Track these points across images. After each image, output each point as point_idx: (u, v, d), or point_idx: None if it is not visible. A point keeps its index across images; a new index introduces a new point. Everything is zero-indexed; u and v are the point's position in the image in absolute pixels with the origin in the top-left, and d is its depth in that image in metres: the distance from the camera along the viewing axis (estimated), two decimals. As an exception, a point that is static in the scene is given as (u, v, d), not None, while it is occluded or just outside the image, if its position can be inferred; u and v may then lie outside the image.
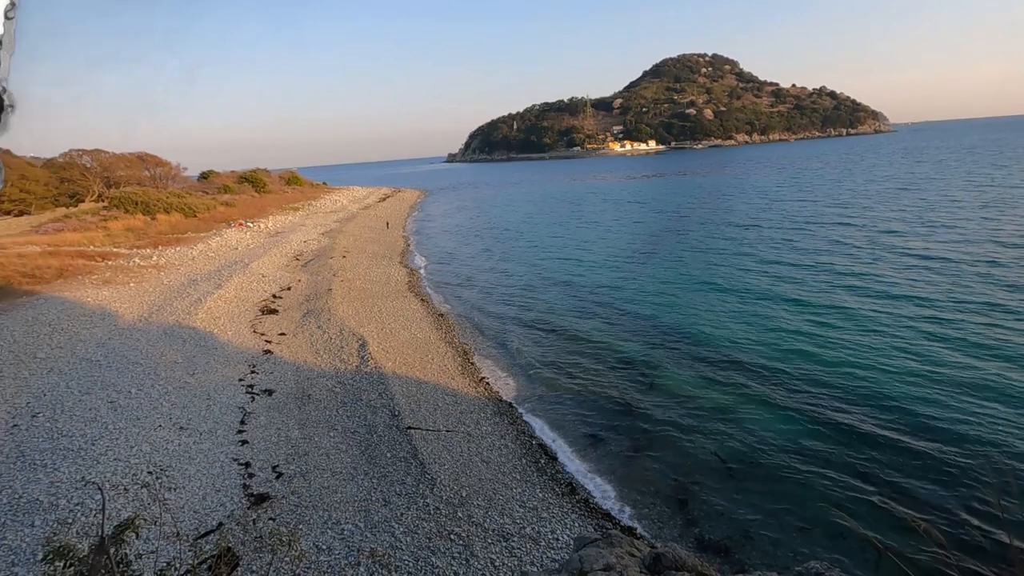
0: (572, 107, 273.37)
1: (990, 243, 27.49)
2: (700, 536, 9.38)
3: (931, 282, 21.83)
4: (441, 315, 22.65)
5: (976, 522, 8.96)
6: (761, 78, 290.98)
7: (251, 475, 10.73)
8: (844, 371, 14.97)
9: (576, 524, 9.49)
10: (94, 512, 8.91)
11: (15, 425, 11.93)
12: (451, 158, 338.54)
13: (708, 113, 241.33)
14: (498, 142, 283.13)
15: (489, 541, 8.96)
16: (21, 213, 48.00)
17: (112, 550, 3.79)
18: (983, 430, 11.63)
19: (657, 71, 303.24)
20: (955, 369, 14.41)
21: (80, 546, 3.75)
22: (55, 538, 3.65)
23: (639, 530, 9.53)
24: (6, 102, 1.62)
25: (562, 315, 22.12)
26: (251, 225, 47.03)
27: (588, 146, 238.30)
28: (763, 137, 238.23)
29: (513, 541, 8.98)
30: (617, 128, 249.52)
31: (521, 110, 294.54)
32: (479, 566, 8.39)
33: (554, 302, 24.11)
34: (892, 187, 54.71)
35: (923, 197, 45.66)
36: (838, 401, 13.47)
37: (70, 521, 8.66)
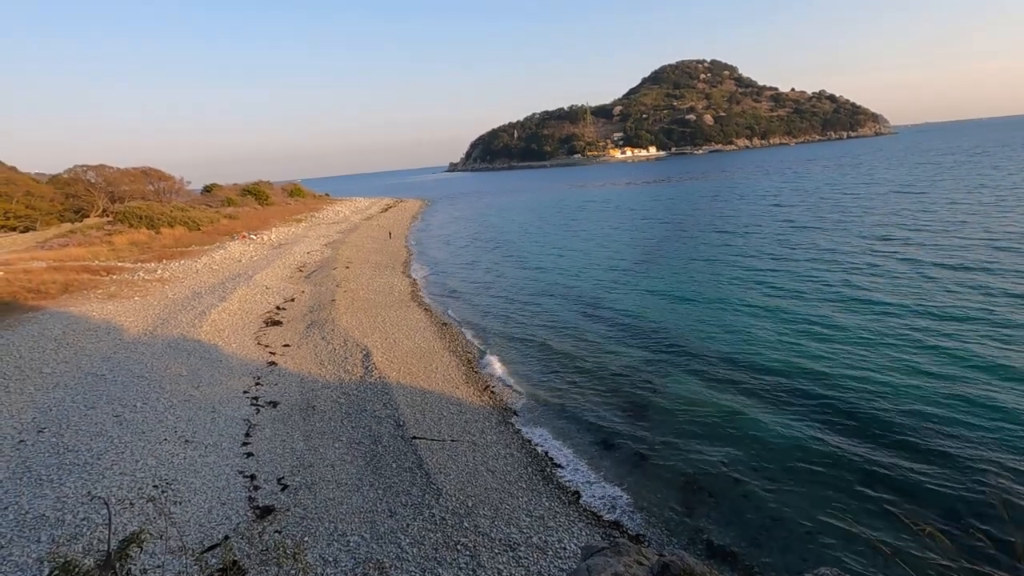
0: (572, 115, 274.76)
1: (990, 248, 27.40)
2: (708, 543, 9.30)
3: (932, 288, 21.72)
4: (444, 324, 22.65)
5: (981, 526, 8.85)
6: (760, 83, 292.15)
7: (256, 487, 10.71)
8: (848, 376, 14.88)
9: (583, 533, 9.42)
10: (100, 527, 8.90)
11: (21, 440, 11.95)
12: (453, 167, 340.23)
13: (708, 118, 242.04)
14: (499, 151, 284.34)
15: (496, 551, 8.90)
16: (27, 229, 48.36)
17: (118, 565, 3.78)
18: (987, 434, 11.53)
19: (656, 78, 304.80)
20: (959, 373, 14.31)
21: (86, 561, 3.75)
22: (59, 553, 3.65)
23: (647, 538, 9.46)
24: None
25: (565, 323, 22.09)
26: (254, 237, 47.24)
27: (589, 153, 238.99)
28: (763, 141, 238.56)
29: (520, 551, 8.92)
30: (617, 135, 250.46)
31: (521, 119, 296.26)
32: (486, 576, 8.33)
33: (557, 311, 24.09)
34: (890, 190, 54.63)
35: (921, 200, 45.53)
36: (842, 406, 13.38)
37: (76, 536, 8.65)
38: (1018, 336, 16.05)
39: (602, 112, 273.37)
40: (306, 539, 9.08)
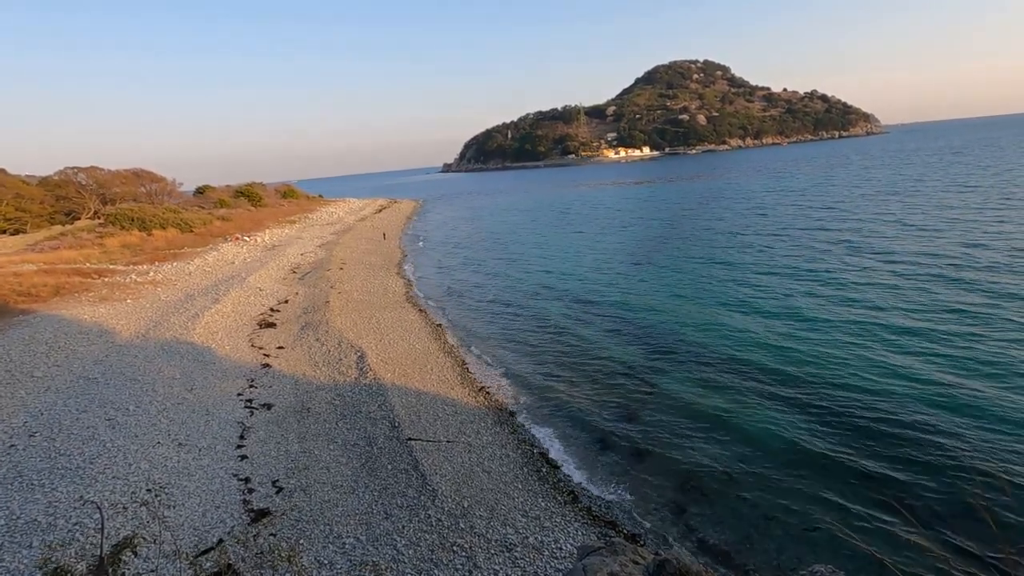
0: (566, 115, 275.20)
1: (979, 248, 27.65)
2: (703, 542, 9.33)
3: (927, 287, 21.89)
4: (439, 325, 22.62)
5: (971, 527, 8.93)
6: (752, 83, 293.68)
7: (251, 490, 10.65)
8: (842, 376, 14.98)
9: (579, 533, 9.43)
10: (93, 531, 8.83)
11: (12, 445, 11.84)
12: (447, 168, 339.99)
13: (701, 118, 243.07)
14: (493, 151, 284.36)
15: (492, 552, 8.90)
16: (17, 232, 47.95)
17: (111, 570, 3.76)
18: (977, 436, 11.63)
19: (649, 78, 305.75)
20: (951, 377, 14.40)
21: (79, 566, 3.72)
22: (51, 559, 3.62)
23: (642, 537, 9.48)
24: None
25: (559, 324, 22.12)
26: (248, 239, 47.02)
27: (583, 153, 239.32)
28: (756, 141, 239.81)
29: (516, 551, 8.91)
30: (611, 135, 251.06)
31: (515, 119, 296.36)
32: (482, 577, 8.32)
33: (551, 311, 24.11)
34: (878, 190, 55.05)
35: (908, 200, 45.94)
36: (834, 407, 13.46)
37: (68, 541, 8.57)
38: (1010, 339, 16.20)
39: (596, 112, 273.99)
40: (301, 542, 9.04)
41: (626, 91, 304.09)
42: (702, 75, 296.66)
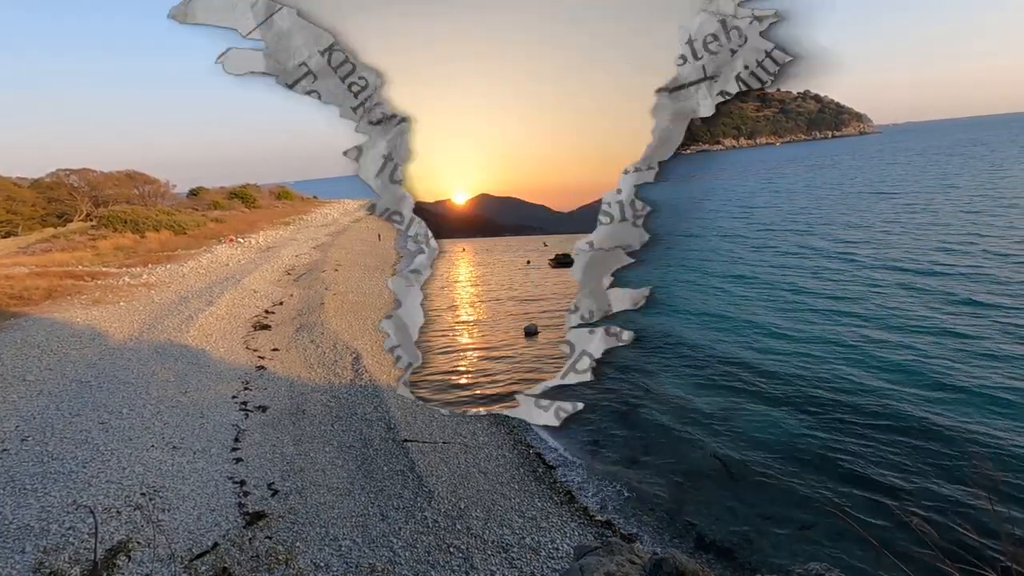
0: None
1: (966, 246, 27.86)
2: (700, 540, 9.36)
3: (923, 281, 22.03)
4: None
5: (969, 518, 8.99)
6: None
7: (246, 493, 10.60)
8: (838, 373, 15.05)
9: (576, 533, 9.44)
10: (86, 536, 8.76)
11: (4, 449, 11.73)
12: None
13: (695, 119, 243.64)
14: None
15: (489, 553, 8.89)
16: (8, 234, 47.55)
17: (105, 574, 3.73)
18: (973, 429, 11.72)
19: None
20: (946, 369, 14.52)
21: (72, 572, 3.70)
22: (45, 564, 3.60)
23: (639, 537, 9.49)
24: None
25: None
26: (242, 241, 46.80)
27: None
28: (750, 141, 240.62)
29: (513, 552, 8.91)
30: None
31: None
32: (479, 579, 8.31)
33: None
34: (872, 190, 55.41)
35: (898, 199, 46.26)
36: (830, 403, 13.53)
37: (62, 546, 8.50)
38: (1007, 330, 16.32)
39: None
40: (297, 544, 9.00)
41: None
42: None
